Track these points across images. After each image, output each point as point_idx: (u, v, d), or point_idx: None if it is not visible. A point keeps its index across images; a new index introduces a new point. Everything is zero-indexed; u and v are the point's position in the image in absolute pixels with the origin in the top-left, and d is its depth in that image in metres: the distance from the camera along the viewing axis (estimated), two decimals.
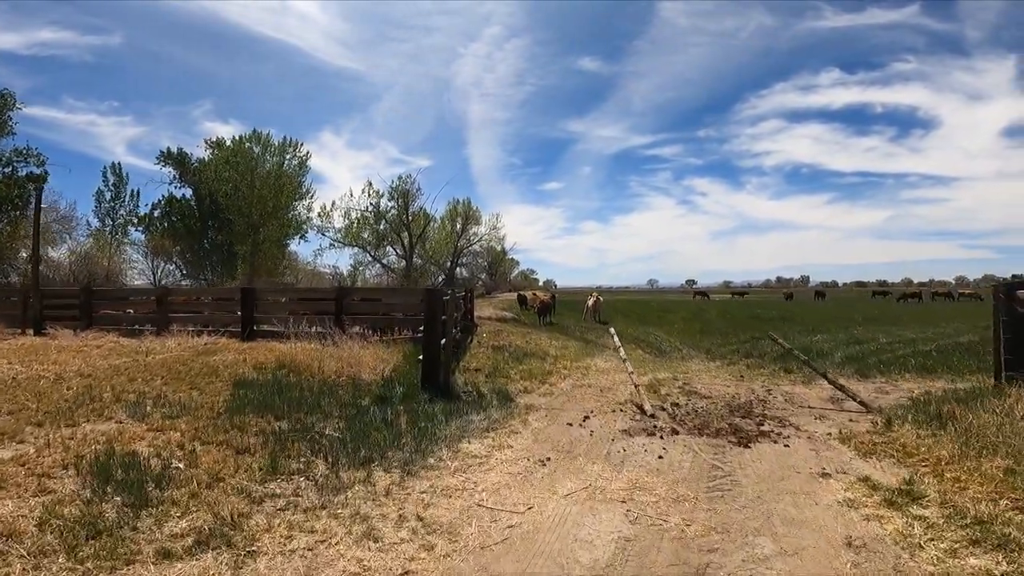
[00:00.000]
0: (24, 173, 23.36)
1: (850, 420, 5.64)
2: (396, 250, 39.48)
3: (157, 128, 77.33)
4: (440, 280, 40.10)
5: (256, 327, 10.54)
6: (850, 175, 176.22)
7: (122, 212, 33.47)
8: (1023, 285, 6.65)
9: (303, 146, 35.05)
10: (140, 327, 11.20)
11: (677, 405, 6.41)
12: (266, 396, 5.79)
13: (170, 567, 2.60)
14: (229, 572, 2.57)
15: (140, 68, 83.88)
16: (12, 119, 23.07)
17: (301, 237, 36.42)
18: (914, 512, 3.25)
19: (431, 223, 40.75)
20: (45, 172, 23.80)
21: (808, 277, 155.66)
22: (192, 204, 33.14)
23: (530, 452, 4.53)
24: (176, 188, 33.36)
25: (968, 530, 2.99)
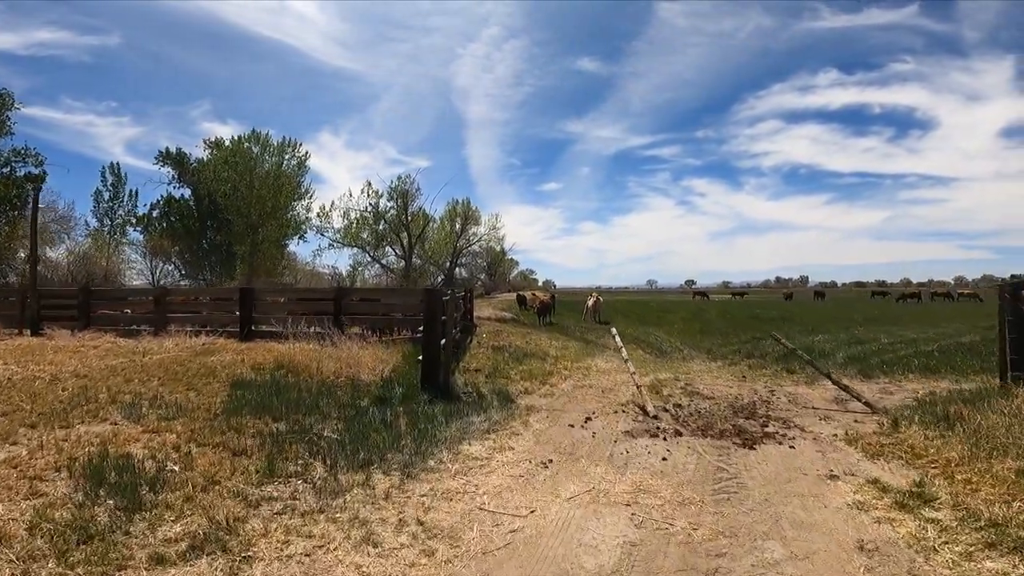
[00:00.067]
0: (22, 173, 23.29)
1: (855, 421, 5.57)
2: (395, 250, 39.42)
3: (155, 128, 77.42)
4: (439, 280, 40.02)
5: (254, 327, 10.47)
6: (848, 176, 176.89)
7: (120, 212, 33.39)
8: None
9: (302, 146, 35.04)
10: (138, 327, 11.13)
11: (680, 406, 6.34)
12: (264, 397, 5.72)
13: (163, 573, 2.53)
14: None
15: (138, 68, 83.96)
16: (10, 119, 22.97)
17: (300, 237, 36.39)
18: (926, 515, 3.18)
19: (430, 223, 40.72)
20: (43, 172, 23.70)
21: (807, 277, 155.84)
22: (191, 204, 33.07)
23: (532, 454, 4.45)
24: (175, 188, 33.33)
25: (983, 533, 2.92)
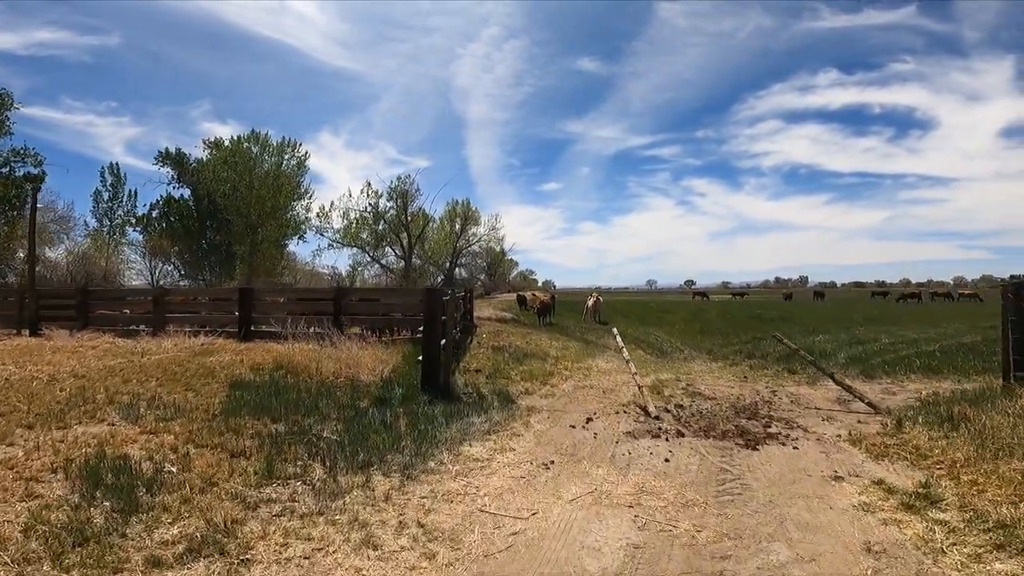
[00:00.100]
0: (21, 173, 23.25)
1: (859, 421, 5.53)
2: (395, 250, 39.38)
3: (155, 128, 77.48)
4: (439, 281, 39.97)
5: (254, 327, 10.41)
6: (848, 176, 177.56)
7: (120, 212, 33.42)
8: None
9: (301, 146, 35.02)
10: (136, 328, 11.10)
11: (681, 407, 6.30)
12: (263, 398, 5.68)
13: None
14: None
15: (138, 68, 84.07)
16: (9, 119, 22.95)
17: (300, 237, 36.37)
18: (933, 516, 3.15)
19: (430, 223, 40.68)
20: (43, 172, 23.69)
21: (806, 278, 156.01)
22: (190, 204, 33.04)
23: (533, 455, 4.41)
24: (174, 188, 33.31)
25: (991, 534, 2.89)
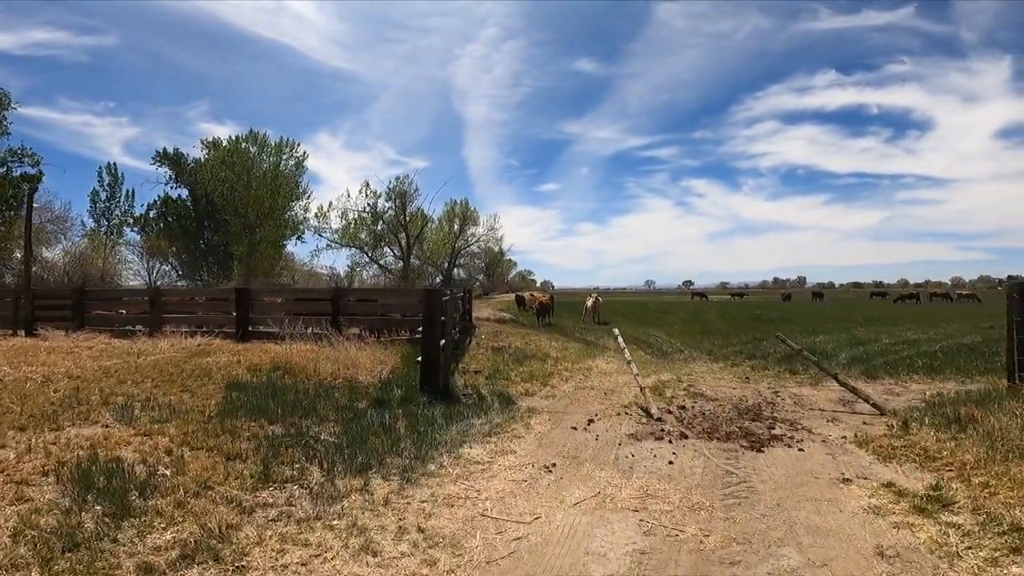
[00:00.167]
0: (18, 173, 23.15)
1: (864, 423, 5.46)
2: (393, 251, 39.31)
3: (153, 129, 77.34)
4: (438, 281, 39.89)
5: (251, 328, 10.33)
6: (846, 176, 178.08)
7: (117, 212, 33.33)
8: None
9: (300, 146, 34.94)
10: (133, 328, 11.00)
11: (683, 408, 6.23)
12: (260, 399, 5.60)
13: None
14: None
15: (136, 68, 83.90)
16: (6, 119, 22.90)
17: (298, 238, 36.30)
18: (946, 519, 3.08)
19: (429, 224, 40.59)
20: (40, 172, 23.63)
21: (804, 278, 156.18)
22: (188, 204, 32.94)
23: (534, 457, 4.34)
24: (172, 188, 33.25)
25: (1006, 537, 2.82)
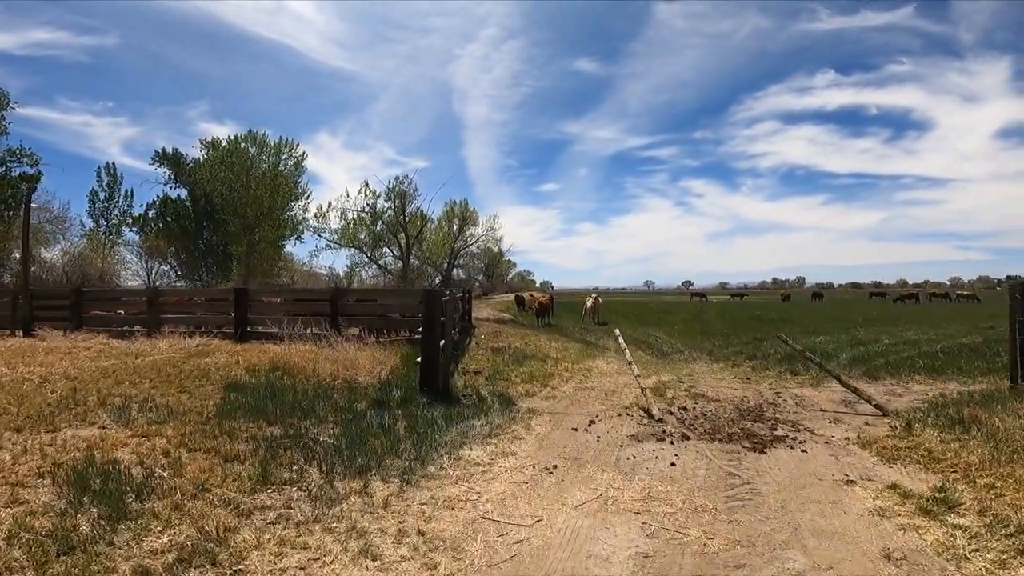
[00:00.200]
0: (17, 173, 23.11)
1: (866, 424, 5.43)
2: (393, 251, 39.26)
3: (152, 129, 77.33)
4: (437, 281, 39.84)
5: (250, 328, 10.29)
6: (845, 176, 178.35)
7: (116, 212, 33.31)
8: None
9: (299, 146, 34.91)
10: (131, 328, 10.95)
11: (685, 409, 6.20)
12: (258, 400, 5.56)
13: None
14: None
15: (135, 68, 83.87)
16: (5, 119, 22.89)
17: (297, 238, 36.27)
18: (952, 521, 3.05)
19: (428, 224, 40.55)
20: (39, 172, 23.60)
21: (803, 278, 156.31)
22: (187, 205, 32.92)
23: (535, 459, 4.30)
24: (171, 188, 33.24)
25: (1014, 539, 2.79)
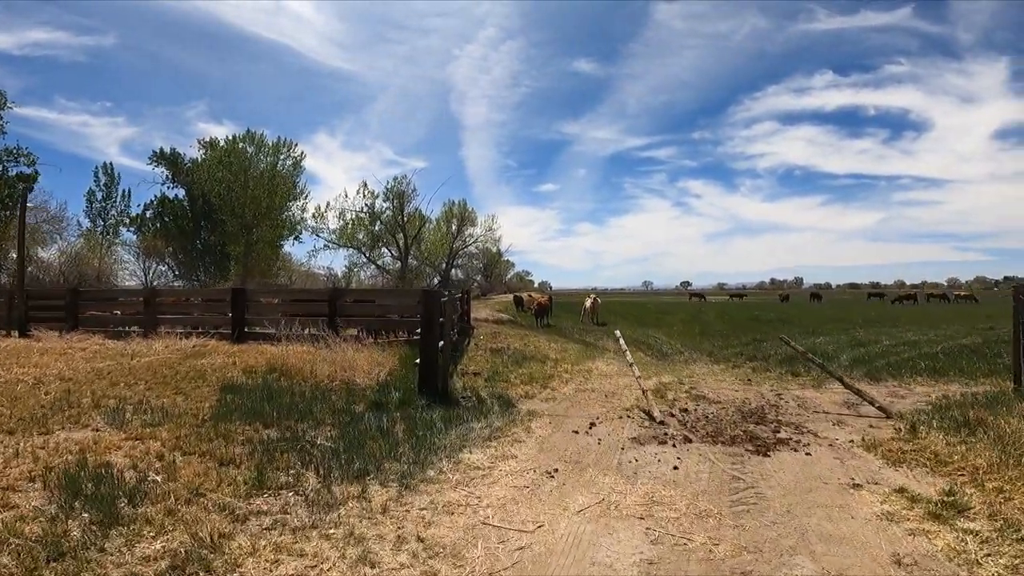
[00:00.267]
0: (14, 173, 22.98)
1: (870, 426, 5.37)
2: (391, 251, 39.08)
3: (150, 129, 77.16)
4: (435, 282, 39.73)
5: (247, 329, 10.21)
6: (843, 177, 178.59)
7: (113, 212, 33.04)
8: None
9: (297, 146, 34.72)
10: (127, 329, 10.87)
11: (686, 411, 6.14)
12: (255, 402, 5.49)
13: None
14: None
15: (134, 68, 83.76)
16: (3, 119, 22.71)
17: (295, 238, 36.08)
18: (962, 526, 2.99)
19: (426, 224, 40.38)
20: (36, 172, 23.46)
21: (802, 279, 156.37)
22: (185, 204, 32.75)
23: (536, 463, 4.23)
24: (169, 188, 33.05)
25: None
